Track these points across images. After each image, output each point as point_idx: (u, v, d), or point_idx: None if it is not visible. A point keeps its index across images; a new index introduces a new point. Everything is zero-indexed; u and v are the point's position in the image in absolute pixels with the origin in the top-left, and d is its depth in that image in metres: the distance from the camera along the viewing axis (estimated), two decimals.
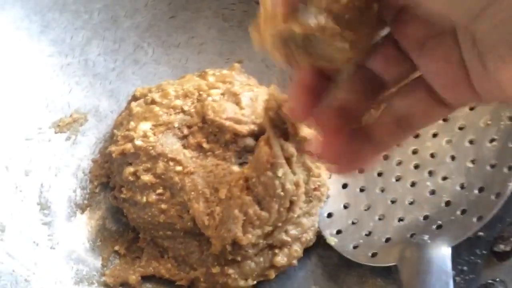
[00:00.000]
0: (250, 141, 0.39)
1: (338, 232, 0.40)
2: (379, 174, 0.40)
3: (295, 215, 0.38)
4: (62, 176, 0.43)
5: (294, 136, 0.37)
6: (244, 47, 0.49)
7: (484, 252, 0.36)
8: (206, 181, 0.37)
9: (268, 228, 0.37)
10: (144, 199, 0.38)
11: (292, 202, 0.37)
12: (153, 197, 0.38)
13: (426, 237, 0.36)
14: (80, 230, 0.42)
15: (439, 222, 0.36)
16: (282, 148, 0.37)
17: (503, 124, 0.36)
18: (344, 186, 0.42)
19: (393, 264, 0.36)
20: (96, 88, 0.46)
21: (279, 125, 0.35)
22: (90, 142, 0.45)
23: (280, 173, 0.35)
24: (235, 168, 0.38)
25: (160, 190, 0.38)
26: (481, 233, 0.36)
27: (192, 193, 0.37)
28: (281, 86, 0.47)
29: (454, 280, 0.35)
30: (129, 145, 0.39)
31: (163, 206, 0.38)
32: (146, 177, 0.38)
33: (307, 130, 0.39)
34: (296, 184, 0.36)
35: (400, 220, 0.38)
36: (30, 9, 0.44)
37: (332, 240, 0.40)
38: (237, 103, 0.40)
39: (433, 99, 0.23)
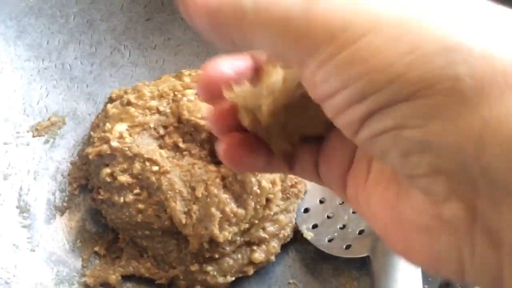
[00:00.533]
0: None
1: (314, 226, 0.41)
2: None
3: (272, 213, 0.38)
4: (41, 179, 0.43)
5: None
6: (220, 48, 0.50)
7: None
8: (183, 180, 0.38)
9: (244, 225, 0.37)
10: (122, 199, 0.39)
11: (268, 200, 0.38)
12: (130, 197, 0.39)
13: None
14: (59, 232, 0.42)
15: None
16: None
17: None
18: None
19: (366, 255, 0.37)
20: (74, 91, 0.47)
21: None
22: (68, 144, 0.45)
23: None
24: (212, 167, 0.39)
25: (137, 190, 0.39)
26: None
27: (169, 192, 0.37)
28: None
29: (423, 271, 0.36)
30: (105, 147, 0.39)
31: (141, 206, 0.38)
32: (123, 178, 0.38)
33: None
34: (273, 182, 0.37)
35: None
36: (6, 14, 0.44)
37: (309, 235, 0.41)
38: None
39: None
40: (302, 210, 0.42)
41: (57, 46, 0.47)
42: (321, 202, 0.42)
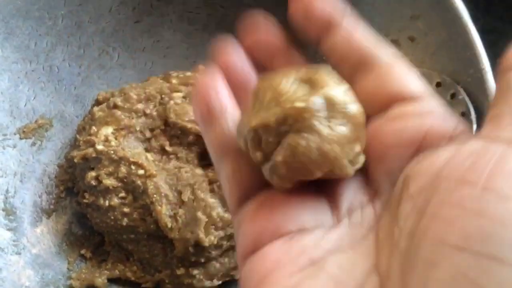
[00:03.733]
0: None
1: None
2: None
3: None
4: (27, 182, 0.43)
5: None
6: (209, 50, 0.50)
7: None
8: (169, 184, 0.38)
9: (231, 230, 0.37)
10: (107, 203, 0.38)
11: None
12: (115, 200, 0.38)
13: None
14: (46, 235, 0.42)
15: None
16: None
17: None
18: None
19: None
20: (61, 93, 0.47)
21: None
22: (56, 147, 0.45)
23: None
24: (199, 171, 0.39)
25: (122, 194, 0.39)
26: None
27: (155, 196, 0.37)
28: None
29: None
30: (90, 150, 0.39)
31: (126, 209, 0.38)
32: (108, 181, 0.38)
33: None
34: None
35: None
36: None
37: None
38: None
39: None
40: None
41: (45, 48, 0.47)
42: None
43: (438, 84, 0.37)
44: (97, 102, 0.44)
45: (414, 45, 0.40)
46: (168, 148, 0.40)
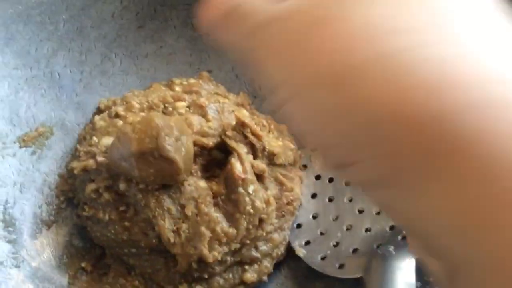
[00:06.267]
0: (216, 154, 0.39)
1: (307, 243, 0.40)
2: (347, 184, 0.40)
3: (265, 233, 0.37)
4: (27, 192, 0.42)
5: (262, 151, 0.37)
6: (213, 57, 0.49)
7: None
8: (172, 197, 0.36)
9: (235, 245, 0.36)
10: (107, 216, 0.37)
11: (262, 220, 0.37)
12: (115, 214, 0.37)
13: (391, 248, 0.36)
14: (46, 247, 0.41)
15: (404, 232, 0.36)
16: (252, 165, 0.37)
17: None
18: (313, 196, 0.42)
19: (360, 276, 0.36)
20: (62, 100, 0.46)
21: (245, 142, 0.35)
22: (56, 156, 0.44)
23: (251, 189, 0.35)
24: (202, 184, 0.38)
25: (123, 207, 0.37)
26: None
27: (157, 209, 0.36)
28: (251, 96, 0.47)
29: None
30: (91, 161, 0.38)
31: (127, 223, 0.37)
32: (108, 194, 0.37)
33: (275, 143, 0.39)
34: (267, 202, 0.36)
35: (367, 230, 0.38)
36: None
37: (301, 252, 0.39)
38: (203, 115, 0.40)
39: None
40: (295, 226, 0.41)
41: (46, 54, 0.46)
42: (314, 217, 0.41)
43: None
44: (99, 110, 0.43)
45: None
46: None
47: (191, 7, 0.48)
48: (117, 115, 0.40)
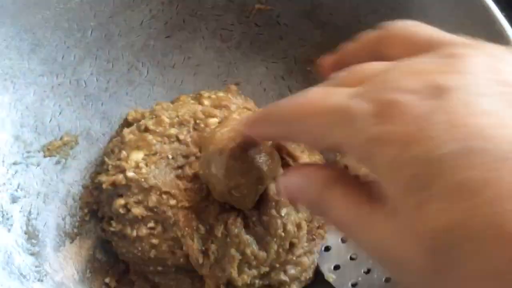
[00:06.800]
0: None
1: (336, 267, 0.39)
2: None
3: (294, 257, 0.36)
4: (51, 203, 0.41)
5: None
6: (241, 69, 0.48)
7: None
8: (201, 217, 0.36)
9: (265, 269, 0.35)
10: (134, 233, 0.37)
11: (292, 244, 0.36)
12: (143, 231, 0.36)
13: None
14: (69, 260, 0.40)
15: None
16: None
17: None
18: None
19: None
20: (88, 109, 0.45)
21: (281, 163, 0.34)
22: (80, 166, 0.43)
23: (283, 212, 0.34)
24: None
25: (151, 224, 0.37)
26: None
27: (186, 229, 0.35)
28: None
29: None
30: (120, 176, 0.37)
31: (154, 240, 0.36)
32: (137, 210, 0.36)
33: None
34: (298, 226, 0.35)
35: None
36: (21, 26, 0.42)
37: (330, 277, 0.39)
38: None
39: None
40: (323, 249, 0.40)
41: (73, 61, 0.45)
42: (343, 241, 0.40)
43: None
44: (126, 122, 0.42)
45: None
46: None
47: (221, 18, 0.48)
48: (146, 129, 0.39)
